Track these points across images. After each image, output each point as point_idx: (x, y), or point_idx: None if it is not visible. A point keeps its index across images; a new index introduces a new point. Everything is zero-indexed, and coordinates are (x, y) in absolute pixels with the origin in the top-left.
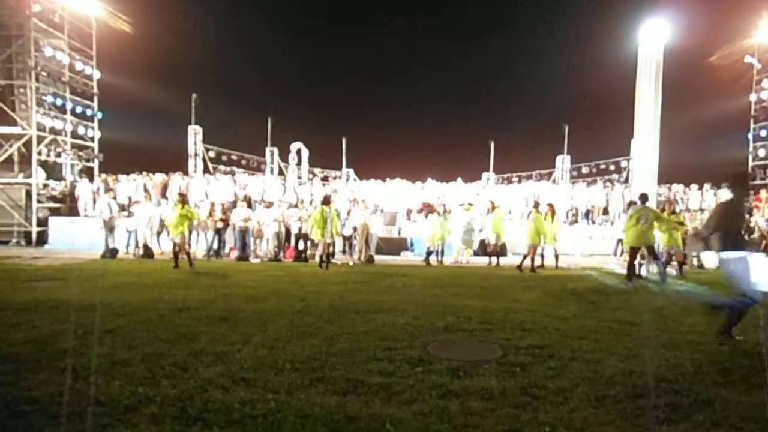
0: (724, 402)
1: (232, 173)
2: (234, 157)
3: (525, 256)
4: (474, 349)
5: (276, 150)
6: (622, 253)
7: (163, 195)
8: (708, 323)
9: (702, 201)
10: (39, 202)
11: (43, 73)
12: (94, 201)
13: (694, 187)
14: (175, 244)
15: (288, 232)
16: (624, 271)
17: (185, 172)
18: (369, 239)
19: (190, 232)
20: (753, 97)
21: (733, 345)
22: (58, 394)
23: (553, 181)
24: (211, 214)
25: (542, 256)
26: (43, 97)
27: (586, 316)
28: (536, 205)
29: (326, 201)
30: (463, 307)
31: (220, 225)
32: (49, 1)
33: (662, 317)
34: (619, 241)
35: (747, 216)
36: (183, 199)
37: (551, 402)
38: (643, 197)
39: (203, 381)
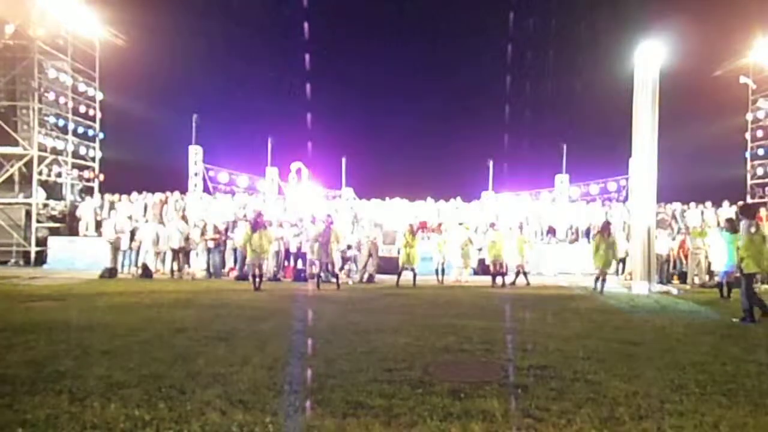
0: (730, 424)
1: (232, 193)
2: (234, 177)
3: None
4: (475, 370)
5: (276, 170)
6: (623, 272)
7: (162, 214)
8: (711, 343)
9: (702, 219)
10: (38, 221)
11: (46, 95)
12: (96, 221)
13: (692, 205)
14: (254, 266)
15: (287, 251)
16: (624, 290)
17: (185, 192)
18: (375, 258)
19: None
20: (749, 117)
21: (737, 365)
22: (53, 417)
23: (553, 200)
24: (203, 234)
25: (524, 273)
26: (46, 118)
27: (588, 336)
28: (492, 225)
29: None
30: (463, 327)
31: (211, 244)
32: (54, 24)
33: (665, 337)
34: (621, 260)
35: None
36: (260, 222)
37: (554, 424)
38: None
39: (201, 403)
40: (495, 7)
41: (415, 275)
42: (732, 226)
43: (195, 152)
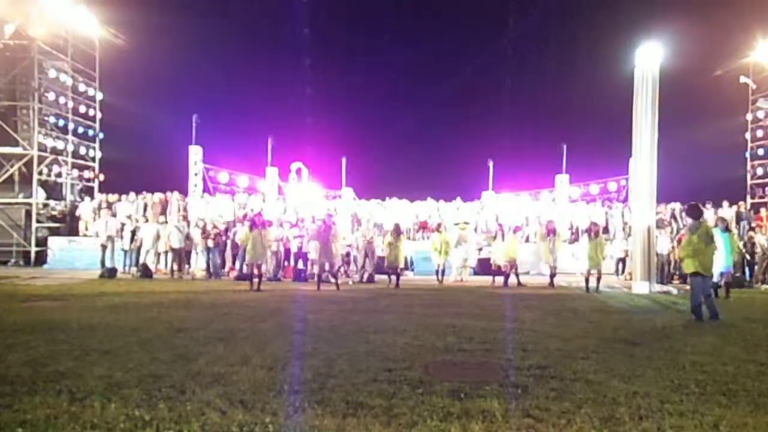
0: (730, 424)
1: (232, 193)
2: (234, 177)
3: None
4: (475, 370)
5: (276, 170)
6: (623, 272)
7: (162, 214)
8: (711, 343)
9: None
10: (38, 221)
11: (46, 95)
12: (95, 221)
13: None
14: (253, 267)
15: (287, 251)
16: (624, 290)
17: (185, 192)
18: (372, 258)
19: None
20: (749, 117)
21: (737, 365)
22: (53, 417)
23: (553, 200)
24: (203, 233)
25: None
26: (46, 118)
27: (588, 336)
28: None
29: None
30: (463, 327)
31: (211, 244)
32: (54, 24)
33: (665, 337)
34: (620, 260)
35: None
36: (258, 222)
37: (554, 424)
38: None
39: (201, 403)
40: (495, 7)
41: (398, 276)
42: (726, 226)
43: (195, 152)
